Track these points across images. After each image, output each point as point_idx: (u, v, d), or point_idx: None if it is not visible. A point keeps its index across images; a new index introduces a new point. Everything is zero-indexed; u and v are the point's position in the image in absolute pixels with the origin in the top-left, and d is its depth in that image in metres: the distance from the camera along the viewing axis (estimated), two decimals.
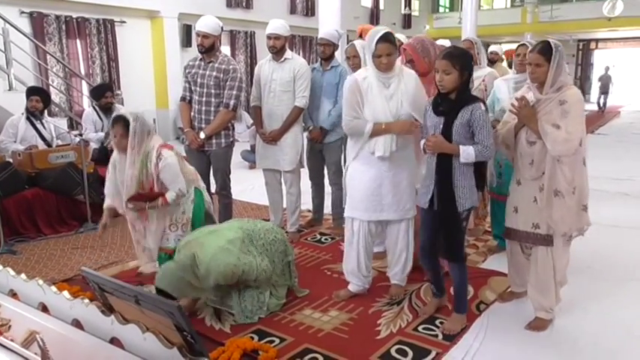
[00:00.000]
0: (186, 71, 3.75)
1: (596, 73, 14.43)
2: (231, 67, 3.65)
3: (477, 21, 13.03)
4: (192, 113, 3.75)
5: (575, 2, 18.66)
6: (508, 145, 2.61)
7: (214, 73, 3.61)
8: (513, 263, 2.79)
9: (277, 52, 3.79)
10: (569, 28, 17.93)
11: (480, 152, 2.41)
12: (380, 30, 2.70)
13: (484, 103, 2.48)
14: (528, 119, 2.46)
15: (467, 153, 2.41)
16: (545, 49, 2.41)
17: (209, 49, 3.61)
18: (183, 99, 3.79)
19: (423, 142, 2.57)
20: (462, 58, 2.40)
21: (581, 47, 21.43)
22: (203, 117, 3.67)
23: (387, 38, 2.67)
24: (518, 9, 19.25)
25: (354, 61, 3.65)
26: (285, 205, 4.09)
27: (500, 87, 3.45)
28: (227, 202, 3.91)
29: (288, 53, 3.84)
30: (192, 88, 3.71)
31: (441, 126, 2.47)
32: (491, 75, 3.83)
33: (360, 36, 3.98)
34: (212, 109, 3.66)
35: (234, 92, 3.64)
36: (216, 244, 2.61)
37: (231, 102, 3.64)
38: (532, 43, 2.83)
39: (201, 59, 3.68)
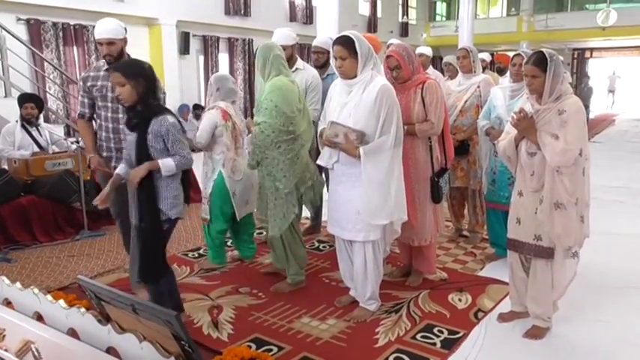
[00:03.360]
0: (88, 84, 3.03)
1: (591, 82, 14.48)
2: None
3: (474, 29, 13.17)
4: (100, 133, 3.09)
5: (570, 12, 18.83)
6: (509, 156, 2.59)
7: None
8: (515, 282, 2.71)
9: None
10: (564, 37, 18.10)
11: (180, 162, 2.39)
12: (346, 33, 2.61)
13: (172, 114, 2.43)
14: (527, 131, 2.44)
15: (168, 166, 2.36)
16: (540, 60, 2.38)
17: (118, 58, 2.98)
18: (82, 116, 3.14)
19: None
20: (129, 69, 2.36)
21: (576, 56, 21.62)
22: (114, 137, 3.01)
23: (341, 41, 2.54)
24: (514, 18, 19.41)
25: None
26: None
27: (497, 95, 3.46)
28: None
29: (299, 63, 3.73)
30: (100, 104, 3.03)
31: (135, 142, 2.37)
32: (485, 81, 3.85)
33: None
34: None
35: None
36: None
37: None
38: (527, 53, 2.79)
39: (106, 69, 2.98)
